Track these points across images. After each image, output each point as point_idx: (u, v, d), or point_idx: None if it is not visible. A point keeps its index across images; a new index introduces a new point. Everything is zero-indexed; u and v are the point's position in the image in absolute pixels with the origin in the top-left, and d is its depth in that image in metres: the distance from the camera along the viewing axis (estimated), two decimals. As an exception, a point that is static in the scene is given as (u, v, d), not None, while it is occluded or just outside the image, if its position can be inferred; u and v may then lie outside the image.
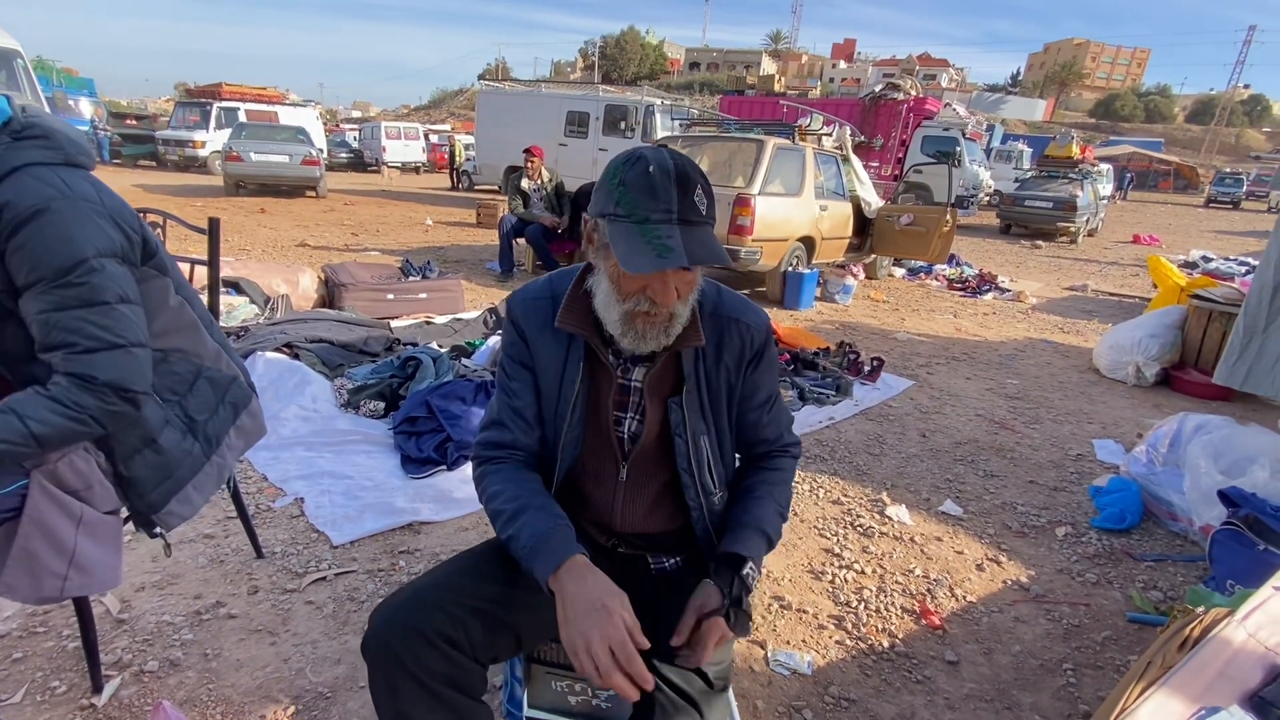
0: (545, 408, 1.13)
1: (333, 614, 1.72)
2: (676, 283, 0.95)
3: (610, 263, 0.97)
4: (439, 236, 8.73)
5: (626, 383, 1.10)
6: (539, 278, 1.17)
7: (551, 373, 1.11)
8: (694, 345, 1.05)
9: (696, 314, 1.05)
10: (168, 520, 1.36)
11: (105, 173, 14.36)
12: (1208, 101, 69.72)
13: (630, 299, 0.96)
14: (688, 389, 1.08)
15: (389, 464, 2.48)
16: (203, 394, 1.38)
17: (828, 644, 1.74)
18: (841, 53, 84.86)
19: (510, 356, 1.16)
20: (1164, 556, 2.25)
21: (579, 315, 1.05)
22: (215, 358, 1.38)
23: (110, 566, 1.24)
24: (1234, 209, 27.83)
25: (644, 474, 1.14)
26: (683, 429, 1.09)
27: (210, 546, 1.95)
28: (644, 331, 0.98)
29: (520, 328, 1.13)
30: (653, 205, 0.90)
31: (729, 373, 1.11)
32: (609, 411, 1.11)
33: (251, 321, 3.75)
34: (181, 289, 1.29)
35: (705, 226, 0.93)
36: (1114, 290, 8.00)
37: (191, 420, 1.37)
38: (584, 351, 1.08)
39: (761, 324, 1.12)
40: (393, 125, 23.56)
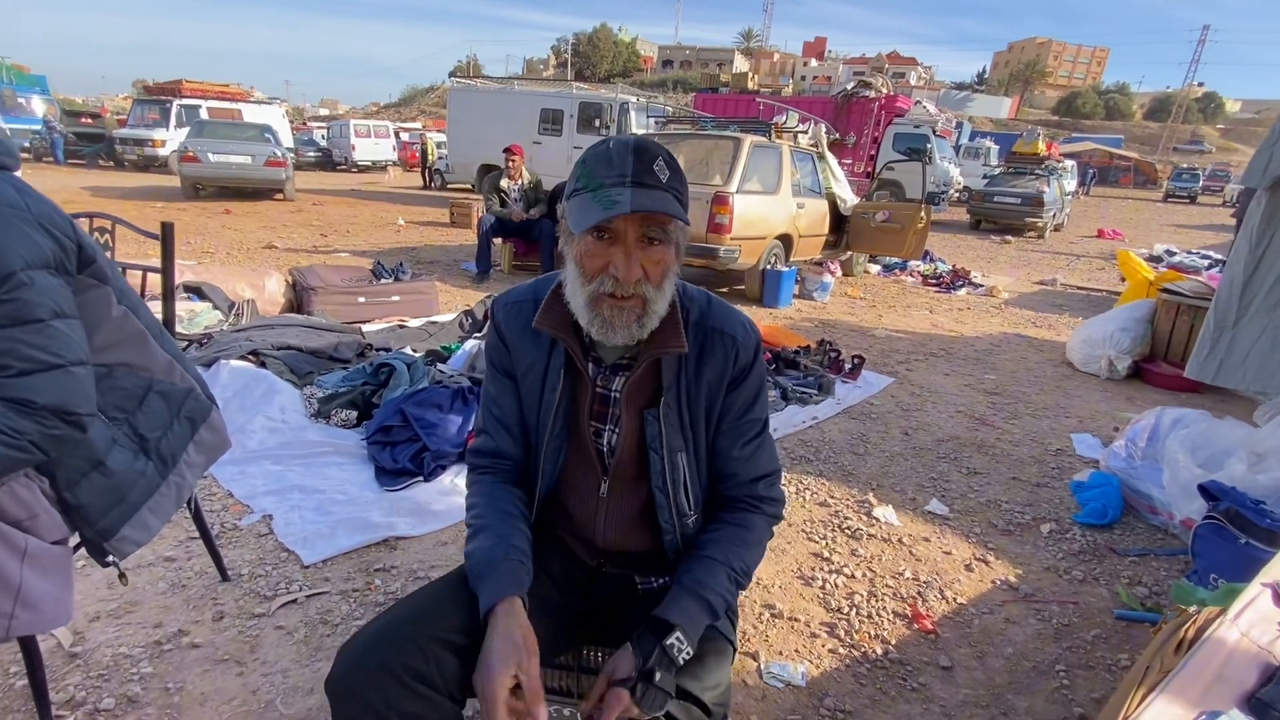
0: (527, 415, 1.08)
1: (304, 639, 1.63)
2: (643, 260, 0.90)
3: (573, 245, 0.94)
4: (411, 237, 8.56)
5: (606, 392, 1.04)
6: (525, 282, 1.11)
7: (532, 379, 1.06)
8: (674, 351, 0.99)
9: (680, 320, 0.99)
10: (121, 547, 1.27)
11: (61, 174, 13.85)
12: (1164, 99, 71.91)
13: (594, 279, 0.91)
14: (666, 401, 1.02)
15: (362, 476, 2.38)
16: (154, 409, 1.28)
17: (821, 653, 1.70)
18: (813, 51, 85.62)
19: (492, 362, 1.10)
20: (1147, 551, 2.26)
21: (557, 316, 0.99)
22: (167, 370, 1.29)
23: (60, 601, 1.14)
24: (1191, 203, 28.74)
25: (625, 490, 1.08)
26: (658, 444, 1.03)
27: (171, 570, 1.84)
28: (612, 318, 0.92)
29: (502, 331, 1.08)
30: (607, 171, 0.88)
31: (710, 388, 1.04)
32: (587, 422, 1.06)
33: (215, 328, 3.60)
34: (125, 297, 1.19)
35: (663, 192, 0.88)
36: (1082, 284, 8.16)
37: (143, 438, 1.28)
38: (565, 358, 1.03)
39: (750, 339, 1.05)
40: (362, 123, 23.12)
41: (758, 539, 1.07)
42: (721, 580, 1.00)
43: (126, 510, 1.25)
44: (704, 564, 1.01)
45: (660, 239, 0.91)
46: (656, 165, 0.88)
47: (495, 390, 1.09)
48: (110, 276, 1.16)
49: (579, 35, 74.62)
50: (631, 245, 0.90)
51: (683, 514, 1.07)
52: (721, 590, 0.99)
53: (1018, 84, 75.61)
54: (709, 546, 1.04)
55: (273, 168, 10.67)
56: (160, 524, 1.33)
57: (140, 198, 10.35)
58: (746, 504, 1.09)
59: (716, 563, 1.01)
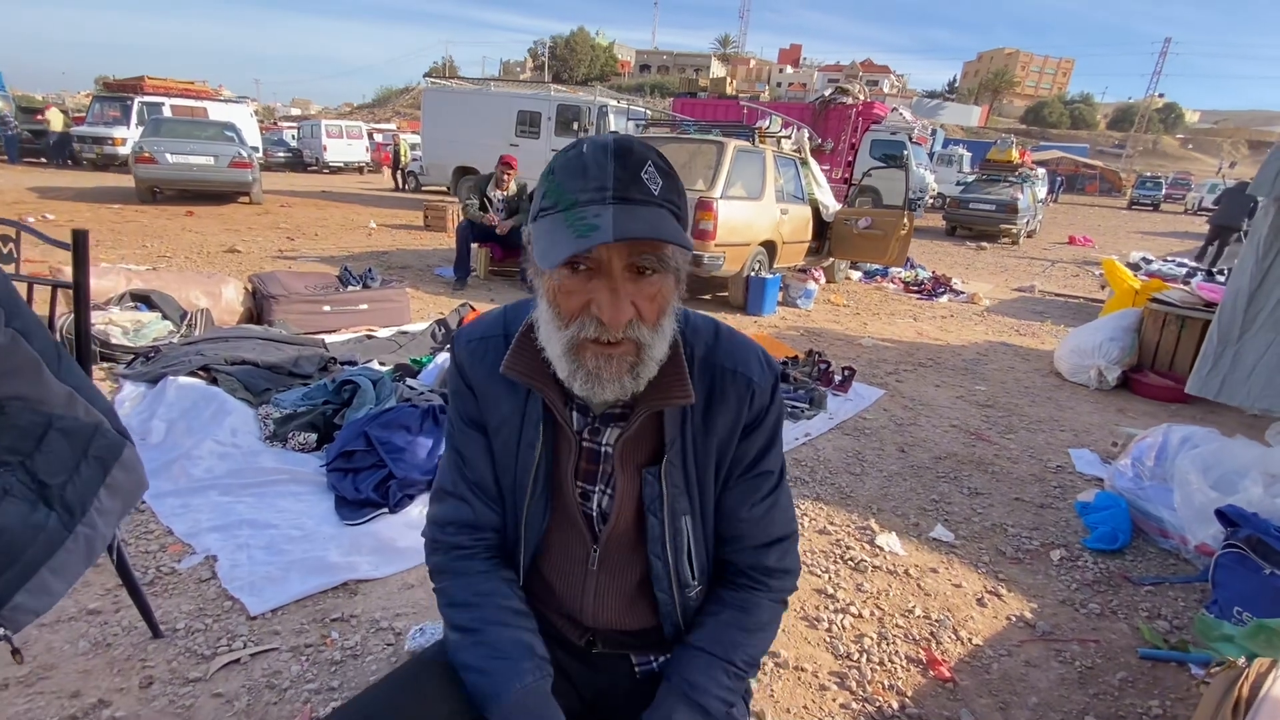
0: (502, 476, 0.89)
1: (246, 709, 1.42)
2: (634, 296, 0.71)
3: (544, 278, 0.73)
4: (383, 241, 8.27)
5: (595, 447, 0.85)
6: (493, 309, 0.92)
7: (506, 434, 0.86)
8: (678, 403, 0.80)
9: (683, 361, 0.81)
10: (15, 618, 1.05)
11: (12, 173, 13.22)
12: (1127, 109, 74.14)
13: (573, 323, 0.72)
14: (669, 458, 0.84)
15: (321, 508, 2.16)
16: (56, 450, 1.07)
17: (832, 708, 1.54)
18: (788, 58, 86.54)
19: (459, 412, 0.90)
20: (1162, 579, 2.15)
21: (530, 361, 0.80)
22: (67, 403, 1.07)
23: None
24: (1154, 210, 29.52)
25: (619, 561, 0.90)
26: (658, 506, 0.85)
27: (95, 625, 1.61)
28: (598, 370, 0.73)
29: (467, 375, 0.87)
30: (581, 185, 0.68)
31: (720, 440, 0.85)
32: (572, 483, 0.87)
33: (164, 340, 3.33)
34: (14, 319, 0.98)
35: (655, 207, 0.69)
36: (1059, 291, 8.20)
37: (43, 485, 1.06)
38: (543, 410, 0.84)
39: (767, 379, 0.86)
40: (334, 124, 22.59)
41: (762, 623, 0.90)
42: (719, 679, 0.84)
43: (21, 574, 1.04)
44: (698, 660, 0.85)
45: (654, 268, 0.71)
46: (645, 173, 0.69)
47: (464, 448, 0.89)
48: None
49: (556, 38, 74.48)
50: (618, 278, 0.70)
51: (685, 585, 0.90)
52: (720, 692, 0.83)
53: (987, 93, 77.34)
54: (704, 637, 0.87)
55: (237, 169, 9.87)
56: (65, 587, 1.12)
57: (95, 199, 9.87)
58: (749, 580, 0.91)
59: (714, 659, 0.85)
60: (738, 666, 0.86)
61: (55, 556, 1.08)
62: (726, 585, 0.92)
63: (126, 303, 3.48)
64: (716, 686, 0.84)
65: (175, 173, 9.48)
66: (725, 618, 0.88)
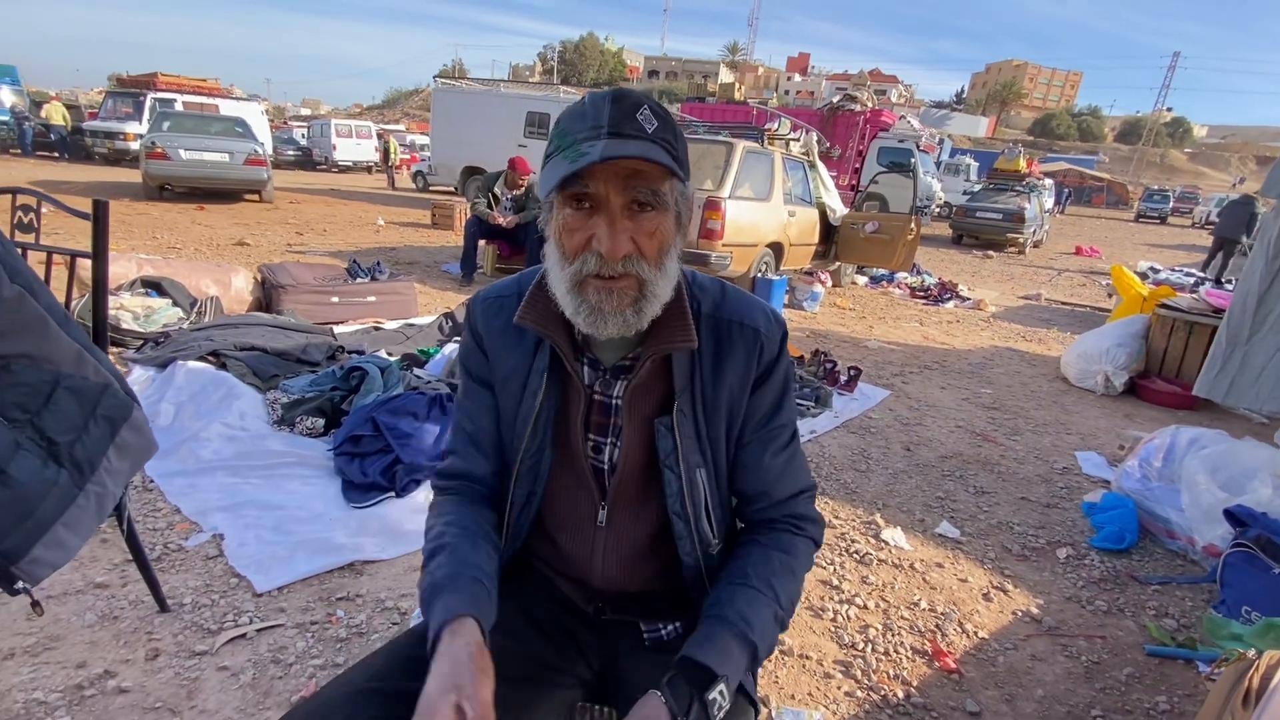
0: (504, 430, 0.90)
1: (252, 682, 1.42)
2: (633, 232, 0.73)
3: (553, 222, 0.76)
4: (391, 237, 8.30)
5: (606, 399, 0.86)
6: (508, 276, 0.94)
7: (512, 387, 0.87)
8: (682, 346, 0.81)
9: (688, 310, 0.83)
10: (33, 571, 1.07)
11: (26, 165, 13.33)
12: (1135, 123, 74.08)
13: (576, 258, 0.75)
14: (679, 406, 0.84)
15: (328, 491, 2.17)
16: (64, 409, 1.08)
17: (837, 696, 1.53)
18: (796, 66, 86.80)
19: (467, 369, 0.92)
20: (1169, 579, 2.14)
21: (542, 310, 0.82)
22: (75, 361, 1.08)
23: None
24: (1161, 223, 29.41)
25: (629, 516, 0.90)
26: (674, 460, 0.85)
27: (102, 599, 1.62)
28: (600, 303, 0.75)
29: (479, 331, 0.89)
30: (580, 126, 0.72)
31: (731, 392, 0.86)
32: (582, 435, 0.87)
33: (174, 326, 3.35)
34: (18, 276, 0.99)
35: (648, 142, 0.71)
36: (1066, 299, 8.19)
37: (52, 442, 1.07)
38: (550, 359, 0.85)
39: (775, 331, 0.87)
40: (343, 123, 22.71)
41: (803, 568, 0.88)
42: (768, 618, 0.80)
43: (36, 527, 1.05)
44: (748, 596, 0.80)
45: (652, 203, 0.74)
46: (640, 114, 0.72)
47: (469, 404, 0.91)
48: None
49: (565, 43, 74.79)
50: (616, 213, 0.73)
51: (706, 543, 0.89)
52: (770, 634, 0.80)
53: (995, 104, 77.39)
54: (751, 575, 0.82)
55: (252, 166, 9.50)
56: (79, 542, 1.13)
57: (105, 193, 9.94)
58: (787, 526, 0.89)
59: (764, 596, 0.80)
60: (784, 609, 0.82)
61: (69, 512, 1.10)
62: (763, 533, 0.90)
63: (138, 289, 3.50)
64: (769, 628, 0.80)
65: (188, 169, 9.11)
66: (772, 558, 0.85)
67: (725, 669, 0.73)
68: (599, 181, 0.71)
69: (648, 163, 0.71)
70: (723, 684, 0.73)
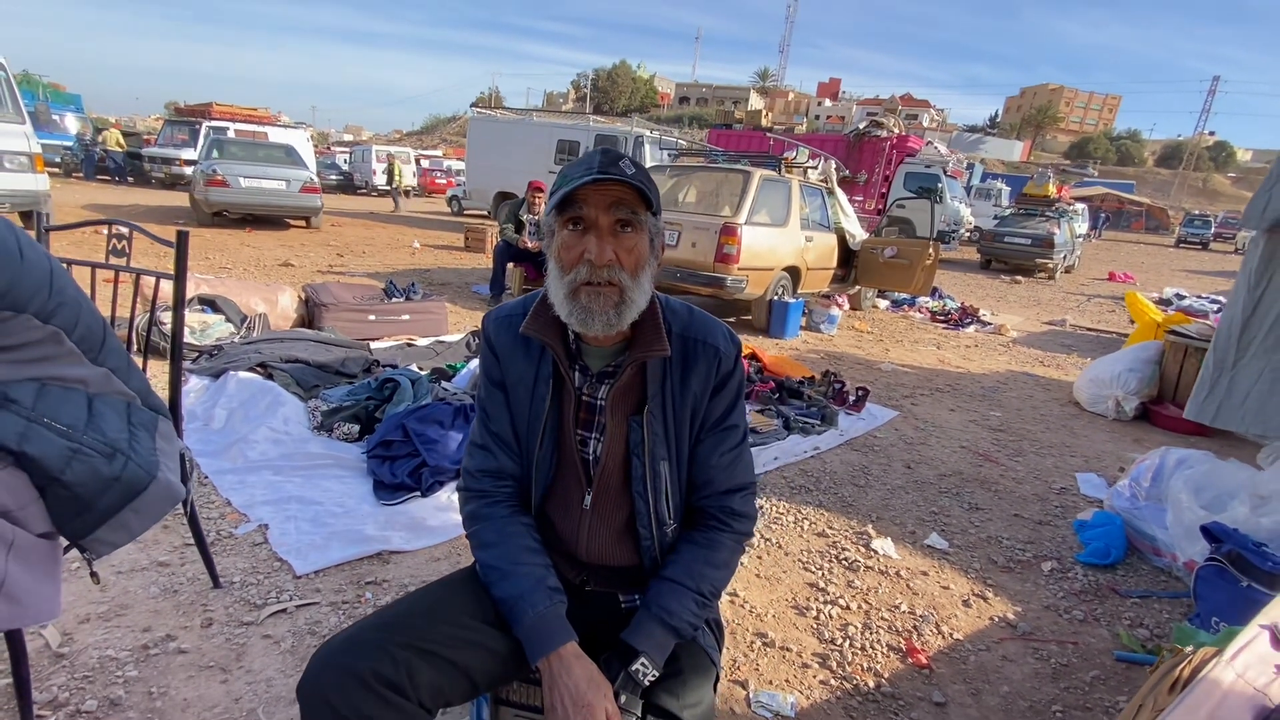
0: (518, 427, 1.10)
1: (291, 649, 1.63)
2: (616, 248, 0.95)
3: (554, 245, 0.99)
4: (426, 259, 8.69)
5: (592, 400, 1.06)
6: (518, 297, 1.14)
7: (521, 391, 1.08)
8: (658, 354, 1.02)
9: (661, 325, 1.03)
10: (95, 548, 1.23)
11: (88, 189, 14.23)
12: (1176, 147, 72.39)
13: (571, 270, 0.96)
14: (650, 408, 1.04)
15: (361, 490, 2.39)
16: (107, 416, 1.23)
17: (811, 684, 1.67)
18: (827, 91, 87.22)
19: (487, 375, 1.13)
20: (1149, 593, 2.22)
21: (543, 321, 1.03)
22: (103, 381, 1.25)
23: (45, 597, 1.13)
24: (1203, 249, 28.68)
25: (609, 501, 1.10)
26: (641, 450, 1.05)
27: (164, 575, 1.85)
28: (590, 304, 0.96)
29: (493, 343, 1.11)
30: (577, 170, 0.94)
31: (694, 398, 1.06)
32: (573, 431, 1.07)
33: (226, 340, 3.66)
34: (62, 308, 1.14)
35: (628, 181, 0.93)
36: (1092, 325, 8.13)
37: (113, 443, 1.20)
38: (553, 368, 1.05)
39: (731, 349, 1.07)
40: (383, 149, 23.68)
41: (725, 560, 1.08)
42: (689, 606, 1.02)
43: (97, 516, 1.18)
44: (670, 589, 1.03)
45: (632, 224, 0.96)
46: (622, 161, 0.94)
47: (490, 404, 1.11)
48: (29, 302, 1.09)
49: (599, 71, 76.58)
50: (604, 230, 0.95)
51: (662, 522, 1.09)
52: (688, 616, 1.02)
53: (1030, 128, 76.47)
54: (676, 570, 1.05)
55: (308, 194, 9.71)
56: (144, 526, 1.26)
57: (161, 217, 10.60)
58: (717, 520, 1.10)
59: (684, 588, 1.03)
60: (704, 595, 1.04)
61: (139, 499, 1.25)
62: (696, 527, 1.11)
63: (195, 306, 3.83)
64: (686, 612, 1.02)
65: (247, 196, 9.26)
66: (695, 554, 1.06)
67: (646, 646, 0.97)
68: (590, 206, 0.94)
69: (627, 188, 0.94)
70: (643, 658, 0.96)
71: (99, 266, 1.62)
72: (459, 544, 2.14)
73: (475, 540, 1.09)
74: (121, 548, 1.27)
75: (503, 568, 1.02)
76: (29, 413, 1.10)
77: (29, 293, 1.10)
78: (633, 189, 0.94)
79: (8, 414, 1.08)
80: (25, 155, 6.79)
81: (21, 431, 1.08)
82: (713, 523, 1.10)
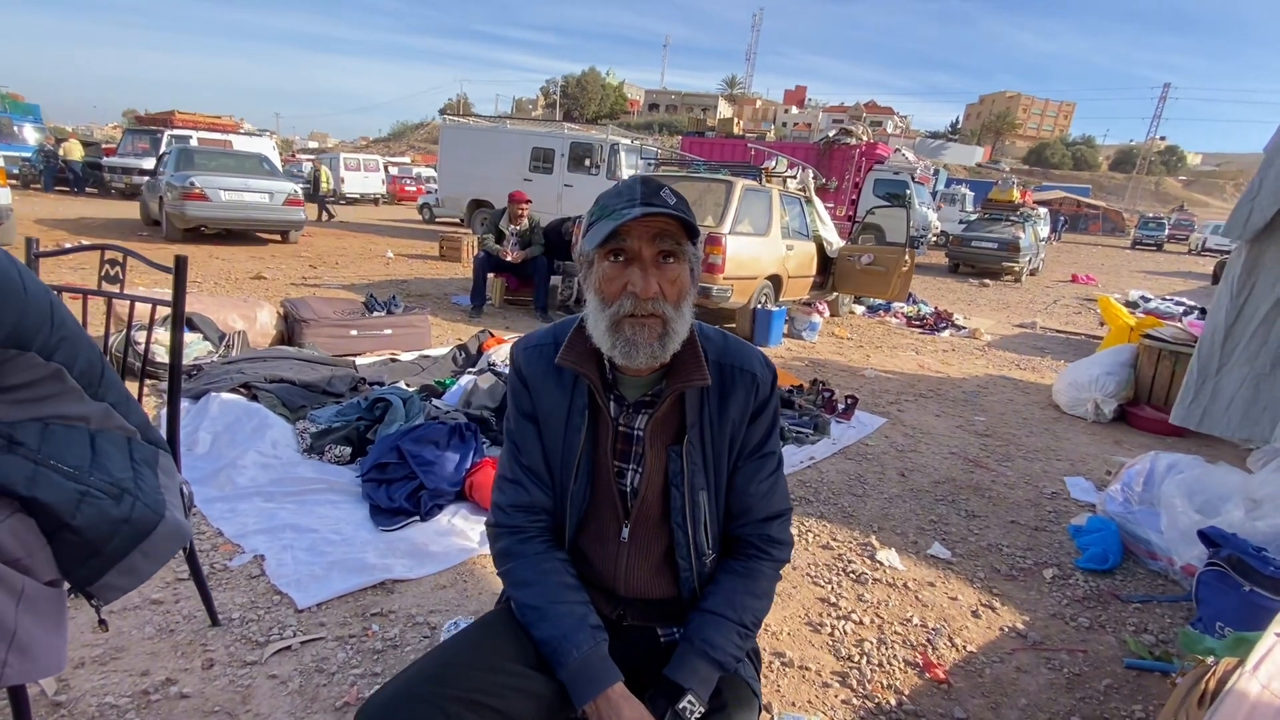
0: (550, 459, 1.07)
1: (299, 689, 1.56)
2: (659, 279, 0.93)
3: (591, 276, 0.97)
4: (400, 269, 8.54)
5: (629, 430, 1.04)
6: (542, 327, 1.11)
7: (555, 422, 1.05)
8: (698, 384, 1.00)
9: (700, 353, 1.01)
10: (104, 594, 1.15)
11: (47, 201, 13.69)
12: (1129, 151, 75.29)
13: (613, 303, 0.94)
14: (689, 438, 1.02)
15: (357, 515, 2.31)
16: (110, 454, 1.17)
17: (834, 703, 1.66)
18: (793, 99, 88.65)
19: (516, 407, 1.09)
20: (1149, 598, 2.27)
21: (579, 352, 1.01)
22: (103, 417, 1.18)
23: (54, 648, 1.06)
24: (1158, 250, 29.82)
25: (647, 534, 1.07)
26: (680, 480, 1.03)
27: (159, 614, 1.76)
28: (634, 336, 0.93)
29: (524, 374, 1.07)
30: (617, 200, 0.93)
31: (733, 426, 1.04)
32: (609, 463, 1.05)
33: (205, 359, 3.53)
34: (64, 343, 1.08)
35: (671, 211, 0.92)
36: (1061, 328, 8.36)
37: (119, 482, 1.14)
38: (588, 399, 1.03)
39: (767, 375, 1.07)
40: (352, 156, 23.30)
41: (765, 590, 1.07)
42: (732, 639, 1.01)
43: (108, 559, 1.12)
44: (712, 622, 1.01)
45: (675, 255, 0.95)
46: (664, 192, 0.93)
47: (520, 437, 1.08)
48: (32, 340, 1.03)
49: (568, 77, 76.55)
50: (648, 263, 0.93)
51: (701, 553, 1.07)
52: (731, 649, 1.00)
53: (989, 134, 78.83)
54: (717, 602, 1.04)
55: (291, 207, 9.18)
56: (154, 568, 1.20)
57: (125, 229, 10.24)
58: (756, 549, 1.08)
59: (726, 621, 1.01)
60: (746, 626, 1.02)
61: (148, 540, 1.20)
62: (735, 556, 1.09)
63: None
64: (729, 645, 1.00)
65: (227, 211, 8.57)
66: (735, 585, 1.05)
67: (692, 684, 0.95)
68: (634, 239, 0.93)
69: (673, 220, 0.92)
70: (690, 695, 0.94)
71: (92, 294, 1.53)
72: (464, 570, 2.09)
73: (510, 579, 1.05)
74: (127, 592, 1.21)
75: (542, 607, 0.99)
76: (35, 455, 1.03)
77: (33, 328, 1.03)
78: (675, 219, 0.93)
79: (14, 457, 1.01)
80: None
81: (30, 475, 1.01)
82: (752, 551, 1.08)
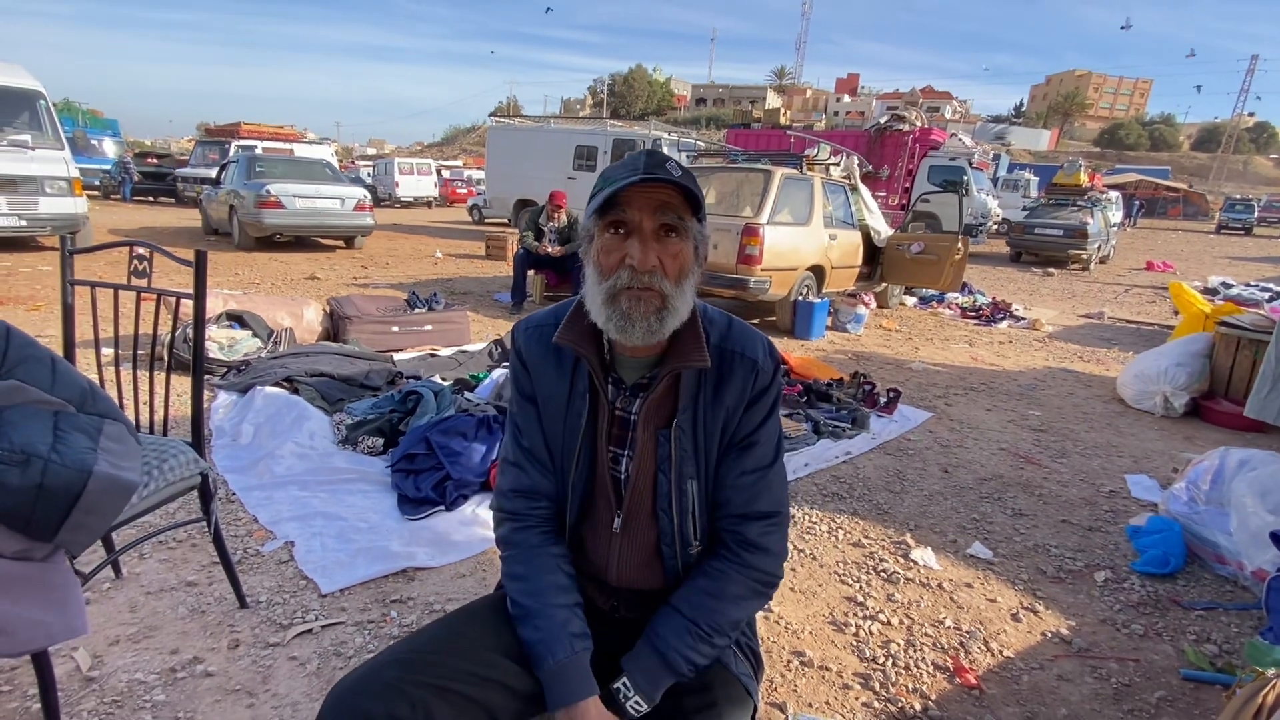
0: (550, 443, 1.04)
1: (316, 671, 1.60)
2: (659, 253, 0.90)
3: (592, 250, 0.94)
4: (448, 269, 8.75)
5: (625, 415, 1.00)
6: (546, 307, 1.09)
7: (554, 406, 1.02)
8: (696, 364, 0.95)
9: (701, 335, 0.97)
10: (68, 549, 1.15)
11: (126, 210, 14.67)
12: (1213, 129, 70.01)
13: (611, 275, 0.91)
14: (679, 422, 0.98)
15: (385, 504, 2.37)
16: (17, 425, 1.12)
17: (854, 706, 1.59)
18: (845, 87, 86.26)
19: (516, 389, 1.08)
20: (1215, 604, 2.08)
21: (578, 331, 0.98)
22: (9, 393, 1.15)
23: (38, 623, 1.08)
24: (1246, 235, 27.58)
25: (639, 523, 1.03)
26: (667, 466, 0.99)
27: (192, 595, 1.84)
28: (630, 309, 0.90)
29: (523, 355, 1.05)
30: (621, 171, 0.90)
31: (728, 412, 0.99)
32: (605, 447, 1.01)
33: (253, 355, 3.69)
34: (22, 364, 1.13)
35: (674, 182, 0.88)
36: (1132, 318, 7.84)
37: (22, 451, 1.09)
38: (587, 382, 1.00)
39: (770, 363, 1.00)
40: (405, 161, 24.03)
41: (732, 594, 0.98)
42: (683, 637, 0.95)
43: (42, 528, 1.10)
44: (665, 614, 0.98)
45: (677, 230, 0.91)
46: (668, 164, 0.89)
47: (521, 419, 1.06)
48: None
49: (615, 76, 76.76)
50: (648, 234, 0.90)
51: (687, 544, 1.02)
52: (684, 650, 0.95)
53: (1057, 116, 74.68)
54: (678, 595, 1.00)
55: (361, 212, 9.13)
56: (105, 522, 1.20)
57: (192, 236, 10.86)
58: (727, 549, 1.01)
59: (680, 616, 0.97)
60: (700, 627, 0.96)
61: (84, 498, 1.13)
62: (711, 553, 1.03)
63: (223, 322, 3.88)
64: (681, 644, 0.95)
65: (302, 218, 8.62)
66: (698, 583, 1.00)
67: (631, 667, 0.95)
68: (634, 209, 0.89)
69: (675, 190, 0.89)
70: (625, 678, 0.94)
71: (120, 288, 1.61)
72: (484, 560, 2.11)
73: (506, 568, 1.05)
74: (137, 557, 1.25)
75: (529, 606, 0.97)
76: None
77: None
78: (679, 191, 0.89)
79: None
80: (64, 180, 7.04)
81: None
82: (724, 551, 1.01)
